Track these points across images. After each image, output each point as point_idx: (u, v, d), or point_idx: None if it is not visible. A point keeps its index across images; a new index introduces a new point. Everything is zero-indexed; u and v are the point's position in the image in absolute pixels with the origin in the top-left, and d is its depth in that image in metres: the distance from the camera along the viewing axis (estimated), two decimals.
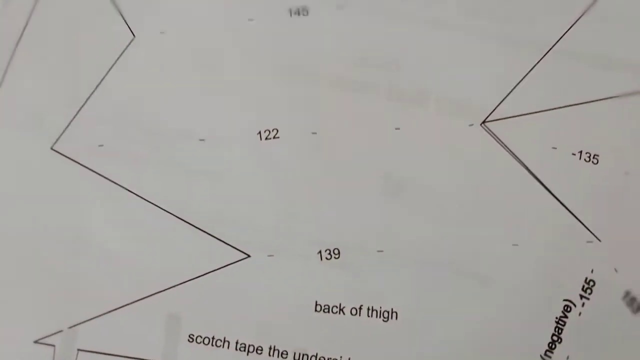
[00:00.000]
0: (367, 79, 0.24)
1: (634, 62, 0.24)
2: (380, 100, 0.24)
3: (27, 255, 0.23)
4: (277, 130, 0.23)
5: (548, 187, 0.23)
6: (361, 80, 0.24)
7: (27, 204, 0.23)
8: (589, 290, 0.22)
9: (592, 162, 0.24)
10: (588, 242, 0.23)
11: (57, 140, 0.23)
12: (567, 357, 0.22)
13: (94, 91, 0.24)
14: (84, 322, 0.22)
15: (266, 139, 0.23)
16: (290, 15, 0.24)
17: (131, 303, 0.22)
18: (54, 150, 0.23)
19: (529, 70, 0.24)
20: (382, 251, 0.23)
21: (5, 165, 0.23)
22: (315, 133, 0.23)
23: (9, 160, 0.23)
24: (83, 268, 0.22)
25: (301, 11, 0.24)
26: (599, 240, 0.23)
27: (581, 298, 0.22)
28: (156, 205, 0.23)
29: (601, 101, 0.24)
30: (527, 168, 0.23)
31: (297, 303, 0.22)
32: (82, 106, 0.23)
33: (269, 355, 0.22)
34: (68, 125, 0.23)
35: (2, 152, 0.23)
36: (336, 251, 0.23)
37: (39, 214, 0.23)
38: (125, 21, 0.24)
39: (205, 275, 0.22)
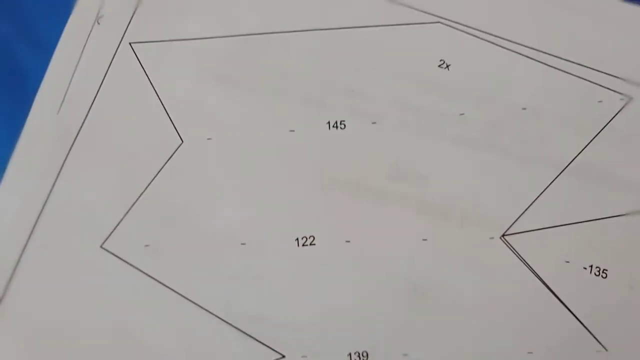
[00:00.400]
0: (398, 190, 0.26)
1: (636, 183, 0.27)
2: (409, 211, 0.26)
3: (73, 350, 0.24)
4: (314, 237, 0.25)
5: (560, 298, 0.25)
6: (392, 191, 0.26)
7: (76, 300, 0.24)
8: None
9: (602, 276, 0.26)
10: (597, 351, 0.25)
11: (106, 239, 0.25)
12: None
13: (142, 192, 0.25)
14: None
15: (303, 245, 0.25)
16: (329, 128, 0.26)
17: None
18: (104, 249, 0.25)
19: (545, 187, 0.26)
20: (407, 354, 0.24)
21: (57, 261, 0.24)
22: (348, 241, 0.25)
23: (60, 257, 0.25)
24: None
25: (339, 124, 0.26)
26: (606, 349, 0.25)
27: None
28: (196, 304, 0.24)
29: (611, 218, 0.26)
30: (541, 280, 0.25)
31: None
32: (131, 207, 0.25)
33: None
34: (117, 225, 0.25)
35: (55, 249, 0.25)
36: (365, 354, 0.24)
37: (88, 310, 0.24)
38: (174, 127, 0.26)
39: None
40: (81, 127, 0.26)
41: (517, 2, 0.28)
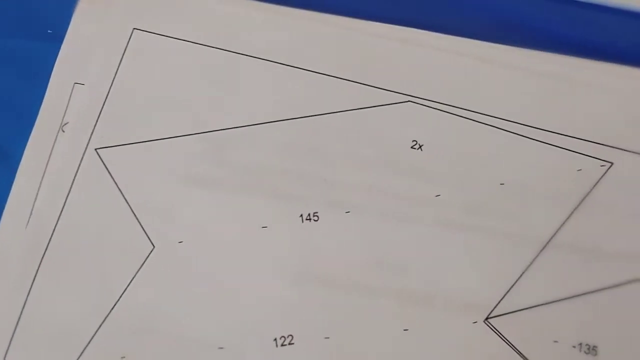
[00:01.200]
0: (377, 281, 0.25)
1: (624, 253, 0.26)
2: (389, 302, 0.25)
3: None
4: (292, 336, 0.25)
5: None
6: (371, 282, 0.25)
7: None
8: None
9: (592, 353, 0.25)
10: None
11: (82, 352, 0.24)
12: None
13: (116, 302, 0.25)
14: None
15: (282, 345, 0.25)
16: (302, 220, 0.26)
17: None
18: None
19: (528, 265, 0.26)
20: None
21: None
22: (328, 337, 0.25)
23: None
24: None
25: (312, 216, 0.26)
26: None
27: None
28: None
29: (597, 292, 0.25)
30: None
31: None
32: (106, 318, 0.25)
33: None
34: (92, 338, 0.24)
35: None
36: None
37: None
38: (145, 232, 0.25)
39: None
40: (50, 239, 0.25)
41: (486, 72, 0.27)
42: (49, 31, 0.28)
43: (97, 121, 0.26)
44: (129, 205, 0.26)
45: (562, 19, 0.29)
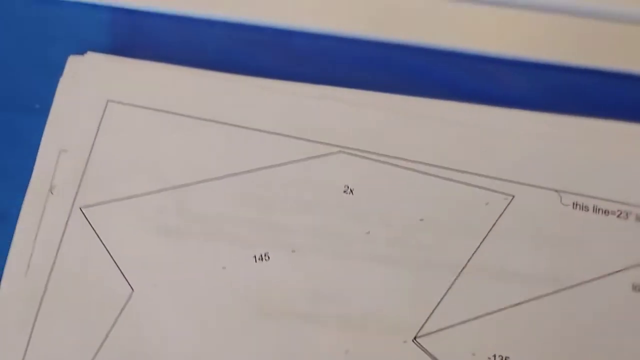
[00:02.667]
0: (320, 311, 0.30)
1: (527, 273, 0.31)
2: (331, 328, 0.30)
3: None
4: None
5: None
6: (314, 311, 0.30)
7: None
8: None
9: None
10: None
11: None
12: None
13: (104, 340, 0.30)
14: None
15: None
16: (255, 261, 0.31)
17: None
18: None
19: (447, 289, 0.31)
20: None
21: None
22: None
23: None
24: None
25: (264, 257, 0.31)
26: None
27: None
28: None
29: (507, 309, 0.31)
30: None
31: None
32: (95, 355, 0.29)
33: None
34: None
35: None
36: None
37: None
38: (125, 278, 0.31)
39: None
40: (46, 288, 0.30)
41: (402, 122, 0.33)
42: (36, 106, 0.33)
43: (80, 183, 0.32)
44: (110, 255, 0.31)
45: (464, 71, 0.34)
